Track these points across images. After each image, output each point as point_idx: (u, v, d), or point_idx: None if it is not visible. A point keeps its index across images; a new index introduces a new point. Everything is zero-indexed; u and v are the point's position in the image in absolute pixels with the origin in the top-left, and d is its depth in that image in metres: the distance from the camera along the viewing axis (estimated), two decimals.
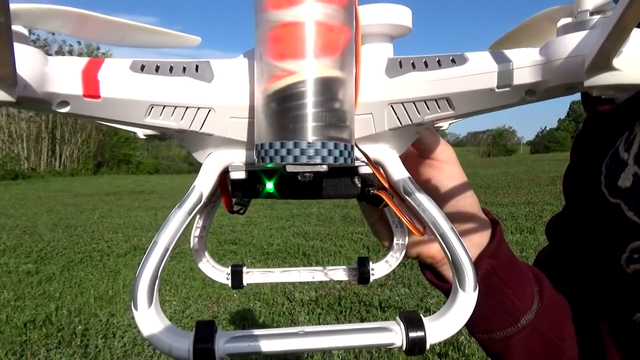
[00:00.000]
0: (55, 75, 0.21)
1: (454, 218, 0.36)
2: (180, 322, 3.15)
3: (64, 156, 29.48)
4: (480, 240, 0.38)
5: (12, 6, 0.19)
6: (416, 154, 0.37)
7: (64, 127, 29.60)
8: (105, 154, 32.29)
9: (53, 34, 30.98)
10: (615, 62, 0.19)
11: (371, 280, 0.38)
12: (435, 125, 0.26)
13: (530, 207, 6.91)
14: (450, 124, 0.33)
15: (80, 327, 3.08)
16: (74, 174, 27.15)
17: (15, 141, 27.61)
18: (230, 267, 0.37)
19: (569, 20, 0.22)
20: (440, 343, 2.44)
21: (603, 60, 0.19)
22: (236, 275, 0.38)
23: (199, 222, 0.36)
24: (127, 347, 2.79)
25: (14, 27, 0.20)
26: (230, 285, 0.38)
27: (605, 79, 0.19)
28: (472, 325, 0.40)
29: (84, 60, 0.23)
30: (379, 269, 0.39)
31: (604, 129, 0.39)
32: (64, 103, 0.22)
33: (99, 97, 0.22)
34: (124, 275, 4.32)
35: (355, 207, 7.86)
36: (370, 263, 0.38)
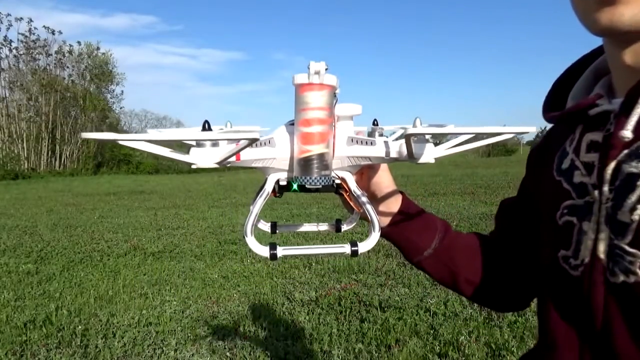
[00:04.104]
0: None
1: (381, 196, 0.68)
2: (181, 322, 3.15)
3: (64, 156, 29.43)
4: (394, 208, 0.69)
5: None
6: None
7: (64, 127, 29.57)
8: (105, 154, 32.22)
9: (53, 33, 30.86)
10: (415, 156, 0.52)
11: (342, 231, 0.66)
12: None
13: None
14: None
15: (80, 327, 3.08)
16: (74, 174, 27.12)
17: (15, 141, 27.56)
18: (270, 222, 0.66)
19: (416, 137, 0.52)
20: (439, 343, 2.44)
21: (409, 154, 0.51)
22: (273, 227, 0.66)
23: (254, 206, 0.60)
24: (127, 347, 2.79)
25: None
26: (270, 232, 0.66)
27: (411, 157, 0.52)
28: (404, 255, 0.70)
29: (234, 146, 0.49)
30: (346, 226, 0.67)
31: (558, 135, 0.59)
32: (229, 162, 0.50)
33: (239, 159, 0.51)
34: (124, 275, 4.32)
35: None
36: (342, 222, 0.67)
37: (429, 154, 0.51)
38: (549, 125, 0.62)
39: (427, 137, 0.52)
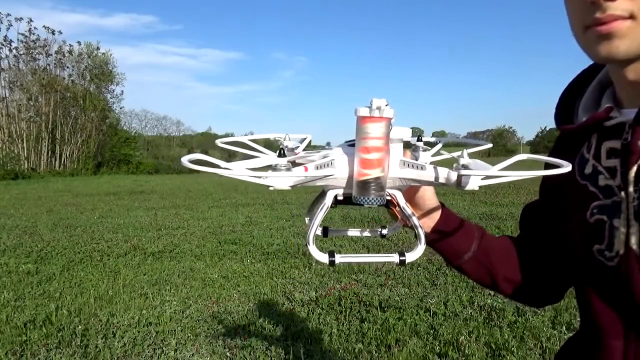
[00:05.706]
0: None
1: (424, 207, 0.74)
2: (181, 322, 3.15)
3: (64, 156, 29.41)
4: (435, 217, 0.75)
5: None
6: None
7: (64, 127, 29.54)
8: (105, 154, 32.21)
9: (53, 33, 30.83)
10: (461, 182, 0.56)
11: (385, 236, 0.75)
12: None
13: None
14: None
15: (80, 327, 3.08)
16: (74, 174, 27.10)
17: (15, 141, 27.53)
18: (322, 227, 0.70)
19: (457, 164, 0.57)
20: (439, 343, 2.44)
21: (457, 183, 0.57)
22: (324, 231, 0.72)
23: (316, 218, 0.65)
24: (127, 347, 2.79)
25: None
26: (322, 235, 0.71)
27: (458, 185, 0.57)
28: (446, 259, 0.77)
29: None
30: (389, 232, 0.75)
31: (571, 142, 0.66)
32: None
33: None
34: (124, 275, 4.32)
35: (354, 207, 7.82)
36: (386, 229, 0.76)
37: (474, 182, 0.57)
38: (548, 127, 0.67)
39: (470, 162, 0.59)
